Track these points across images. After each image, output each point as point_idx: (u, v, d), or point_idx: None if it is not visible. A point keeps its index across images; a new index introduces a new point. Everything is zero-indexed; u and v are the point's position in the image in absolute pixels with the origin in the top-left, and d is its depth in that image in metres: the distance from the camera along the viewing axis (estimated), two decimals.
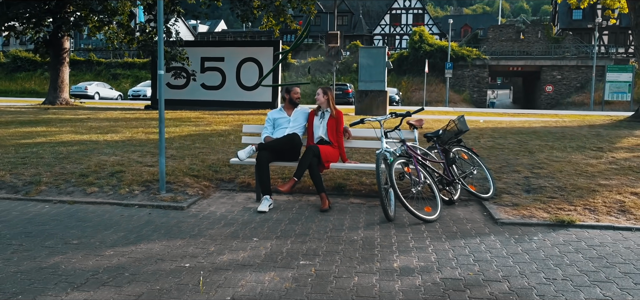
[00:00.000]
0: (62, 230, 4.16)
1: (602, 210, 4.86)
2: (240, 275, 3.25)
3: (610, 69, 35.16)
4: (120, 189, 5.41)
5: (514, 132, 9.38)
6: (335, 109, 5.49)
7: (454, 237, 4.18)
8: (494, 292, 3.05)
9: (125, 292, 2.96)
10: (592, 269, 3.47)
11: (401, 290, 3.04)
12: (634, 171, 6.25)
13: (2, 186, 5.49)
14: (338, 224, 4.48)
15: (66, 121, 10.79)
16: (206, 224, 4.44)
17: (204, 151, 7.23)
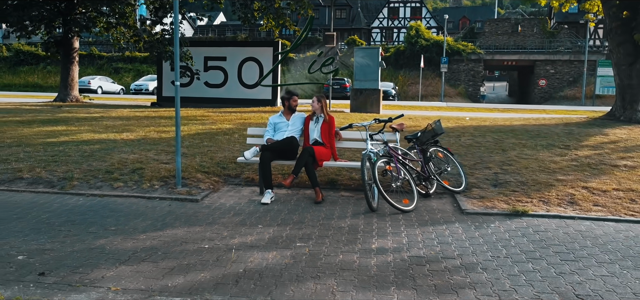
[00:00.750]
0: (100, 219, 5.00)
1: (554, 202, 5.72)
2: (249, 254, 4.09)
3: (601, 63, 35.90)
4: (142, 184, 6.25)
5: (493, 131, 10.24)
6: (328, 115, 6.32)
7: (425, 224, 5.02)
8: (448, 266, 3.90)
9: (160, 266, 3.81)
10: (531, 249, 4.32)
11: (375, 265, 3.89)
12: (591, 167, 7.10)
13: (39, 181, 6.32)
14: (329, 213, 5.33)
15: (82, 120, 11.62)
16: (218, 213, 5.28)
17: (212, 149, 8.07)
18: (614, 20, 11.93)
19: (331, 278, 3.61)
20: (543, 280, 3.63)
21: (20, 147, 8.05)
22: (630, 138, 9.46)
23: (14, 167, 6.78)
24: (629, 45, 11.67)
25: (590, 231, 4.83)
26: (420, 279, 3.63)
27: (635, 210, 5.45)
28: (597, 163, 7.36)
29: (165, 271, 3.70)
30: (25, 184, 6.24)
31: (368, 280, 3.58)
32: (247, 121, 11.67)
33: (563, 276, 3.72)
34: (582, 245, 4.43)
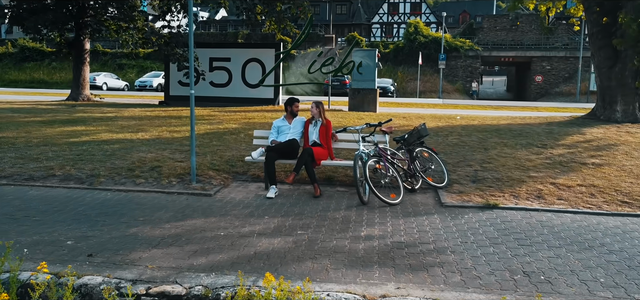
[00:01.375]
0: (129, 211, 5.81)
1: (523, 196, 6.51)
2: (258, 240, 4.89)
3: None
4: (161, 180, 7.05)
5: (479, 130, 11.02)
6: (325, 119, 7.11)
7: (408, 216, 5.82)
8: (423, 249, 4.70)
9: (185, 249, 4.61)
10: (495, 236, 5.12)
11: (363, 249, 4.69)
12: (561, 165, 7.90)
13: (70, 178, 7.12)
14: (326, 206, 6.13)
15: (98, 120, 12.42)
16: (230, 206, 6.08)
17: (221, 148, 8.86)
18: (594, 26, 12.68)
19: (326, 259, 4.41)
20: (499, 261, 4.43)
21: (48, 146, 8.86)
22: (605, 137, 10.24)
23: (46, 166, 7.59)
24: (609, 49, 12.42)
25: (549, 221, 5.62)
26: (399, 260, 4.42)
27: (593, 203, 6.24)
28: (568, 161, 8.15)
29: (190, 253, 4.50)
30: (57, 181, 7.05)
31: (356, 261, 4.38)
32: (251, 121, 12.46)
33: (516, 257, 4.52)
34: (539, 233, 5.23)
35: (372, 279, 4.01)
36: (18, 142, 9.21)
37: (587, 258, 4.52)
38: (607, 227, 5.44)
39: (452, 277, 4.07)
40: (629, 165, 8.00)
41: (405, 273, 4.14)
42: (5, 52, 58.60)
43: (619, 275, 4.15)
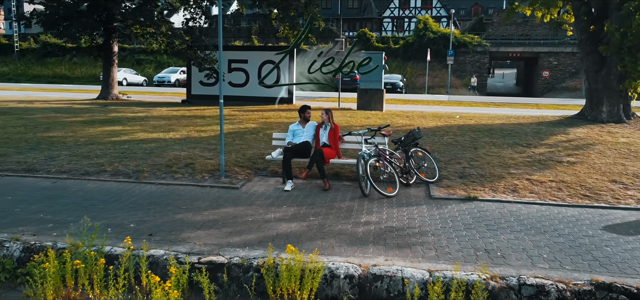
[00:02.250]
0: (172, 201, 7.08)
1: (500, 190, 7.67)
2: (278, 224, 6.13)
3: None
4: (195, 175, 8.32)
5: (473, 130, 12.16)
6: (333, 124, 8.33)
7: (401, 206, 7.02)
8: (409, 232, 5.90)
9: (222, 231, 5.86)
10: (469, 222, 6.30)
11: (361, 231, 5.90)
12: (539, 163, 9.03)
13: (119, 173, 8.43)
14: (333, 198, 7.35)
15: (132, 120, 13.77)
16: (254, 197, 7.33)
17: (243, 147, 10.13)
18: (583, 33, 13.68)
19: (332, 239, 5.64)
20: (468, 241, 5.63)
21: (94, 145, 10.20)
22: (586, 137, 11.32)
23: (97, 162, 8.91)
24: (596, 55, 13.43)
25: (517, 211, 6.78)
26: (389, 240, 5.64)
27: (558, 196, 7.39)
28: (546, 159, 9.28)
29: (226, 234, 5.76)
30: (108, 175, 8.36)
31: (355, 241, 5.60)
32: (268, 121, 13.72)
33: (483, 239, 5.71)
34: (507, 220, 6.40)
35: (367, 253, 5.23)
36: (68, 141, 10.57)
37: (539, 240, 5.70)
38: (564, 216, 6.59)
39: (428, 252, 5.28)
40: (599, 163, 9.11)
41: (393, 250, 5.36)
42: (28, 48, 60.40)
43: (560, 253, 5.32)
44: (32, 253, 5.17)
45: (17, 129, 11.85)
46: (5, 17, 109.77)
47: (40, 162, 8.96)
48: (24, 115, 14.20)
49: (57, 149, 9.84)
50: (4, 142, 10.41)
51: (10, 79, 53.40)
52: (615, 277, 4.69)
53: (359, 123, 13.55)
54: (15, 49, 59.83)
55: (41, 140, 10.63)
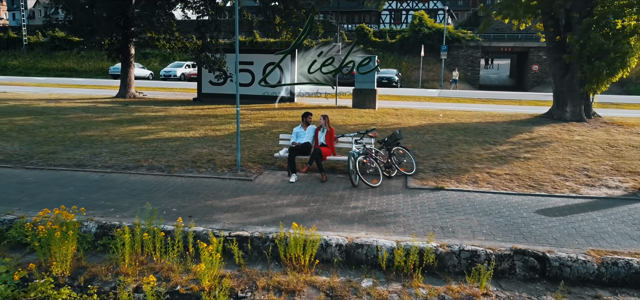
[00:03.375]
0: (201, 190, 8.85)
1: (463, 181, 9.45)
2: (286, 208, 7.91)
3: None
4: (216, 169, 10.09)
5: (451, 129, 13.92)
6: (329, 127, 10.09)
7: (383, 194, 8.79)
8: (385, 214, 7.69)
9: (243, 213, 7.63)
10: (434, 207, 8.07)
11: (350, 214, 7.68)
12: (500, 159, 10.80)
13: (153, 168, 10.19)
14: (329, 188, 9.12)
15: (155, 119, 15.52)
16: (265, 187, 9.10)
17: (254, 145, 11.89)
18: (550, 42, 15.38)
19: (327, 219, 7.42)
20: (430, 221, 7.40)
21: (128, 143, 11.97)
22: (547, 135, 13.09)
23: (134, 158, 10.68)
24: (561, 62, 15.14)
25: (474, 198, 8.56)
26: (370, 220, 7.43)
27: (509, 187, 9.17)
28: (507, 156, 11.06)
29: (247, 216, 7.54)
30: (145, 170, 10.13)
31: (345, 221, 7.38)
32: (273, 120, 15.47)
33: (441, 219, 7.49)
34: (463, 205, 8.19)
35: (353, 230, 7.01)
36: (104, 140, 12.34)
37: (484, 220, 7.48)
38: (509, 202, 8.38)
39: (398, 229, 7.07)
40: (550, 159, 10.90)
41: (372, 227, 7.15)
42: (36, 42, 61.76)
43: (496, 229, 7.11)
44: (105, 230, 6.96)
45: (59, 128, 13.61)
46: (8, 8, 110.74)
47: (86, 158, 10.73)
48: (59, 115, 15.95)
49: (97, 147, 11.61)
50: (51, 141, 12.18)
51: (20, 72, 54.96)
52: (530, 245, 6.48)
53: (353, 122, 15.31)
54: (23, 43, 61.24)
55: (82, 139, 12.41)
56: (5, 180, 9.26)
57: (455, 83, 39.70)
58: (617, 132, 13.86)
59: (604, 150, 11.69)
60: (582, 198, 8.61)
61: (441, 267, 6.26)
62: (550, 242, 6.67)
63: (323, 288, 5.77)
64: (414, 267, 6.12)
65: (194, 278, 5.94)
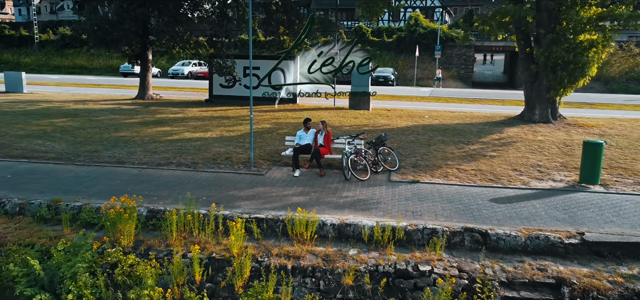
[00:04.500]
0: (223, 183, 10.87)
1: (436, 176, 11.46)
2: (291, 197, 9.93)
3: None
4: (233, 166, 12.11)
5: (433, 130, 15.93)
6: (327, 131, 12.11)
7: (370, 186, 10.81)
8: (369, 202, 9.70)
9: (258, 201, 9.65)
10: (409, 196, 10.10)
11: (342, 202, 9.71)
12: (470, 157, 12.82)
13: (181, 164, 12.21)
14: (326, 181, 11.14)
15: (175, 121, 17.54)
16: (275, 180, 11.12)
17: (263, 144, 13.91)
18: (522, 53, 17.36)
19: (324, 206, 9.45)
20: (405, 207, 9.42)
21: (156, 143, 14.00)
22: (515, 135, 15.09)
23: (164, 156, 12.70)
24: (530, 71, 17.13)
25: (443, 189, 10.57)
26: (358, 206, 9.45)
27: (472, 180, 11.18)
28: (476, 154, 13.07)
29: (261, 202, 9.57)
30: (174, 166, 12.15)
31: (338, 206, 9.41)
32: (279, 121, 17.48)
33: (413, 205, 9.50)
34: (432, 194, 10.20)
35: (343, 213, 9.04)
36: (136, 140, 14.37)
37: (446, 206, 9.49)
38: (470, 192, 10.39)
39: (379, 213, 9.10)
40: (512, 157, 12.91)
41: (359, 212, 9.17)
42: (47, 39, 63.55)
43: (455, 213, 9.12)
44: (153, 213, 8.99)
45: (95, 130, 15.63)
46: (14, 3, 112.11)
47: (124, 156, 12.76)
48: (92, 117, 17.96)
49: (132, 147, 13.64)
50: (91, 141, 14.22)
51: (32, 69, 56.86)
52: (477, 224, 8.52)
53: (349, 123, 17.32)
54: (35, 41, 63.03)
55: (117, 139, 14.44)
56: (62, 175, 11.29)
57: (438, 81, 41.54)
58: (576, 132, 15.87)
59: (559, 149, 13.70)
60: (529, 189, 10.63)
61: (409, 240, 8.29)
62: (494, 222, 8.70)
63: (320, 255, 7.81)
64: (388, 240, 8.16)
65: (225, 248, 7.98)
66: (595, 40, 15.41)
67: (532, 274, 7.40)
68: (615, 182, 11.06)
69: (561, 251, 8.00)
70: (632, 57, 41.54)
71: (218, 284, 7.54)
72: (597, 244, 8.04)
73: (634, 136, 15.43)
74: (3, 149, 13.26)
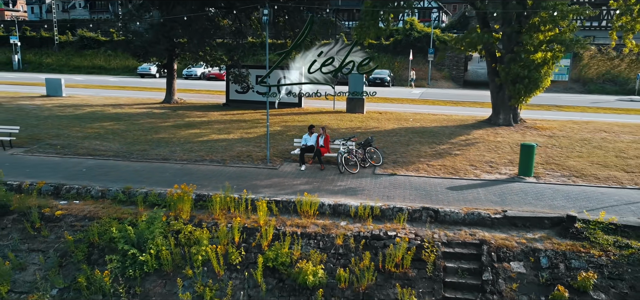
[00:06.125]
0: (246, 175, 14.15)
1: (410, 170, 14.72)
2: (299, 186, 13.19)
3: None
4: (254, 161, 15.39)
5: (413, 132, 19.19)
6: (326, 135, 15.41)
7: (358, 178, 14.08)
8: (356, 189, 12.98)
9: (275, 188, 12.92)
10: (387, 185, 13.37)
11: (337, 189, 12.98)
12: (439, 155, 16.09)
13: (214, 161, 15.50)
14: (325, 174, 14.42)
15: (201, 124, 20.83)
16: (286, 173, 14.39)
17: (275, 144, 17.18)
18: (489, 67, 20.58)
19: (323, 192, 12.73)
20: (382, 193, 12.68)
21: (190, 143, 17.30)
22: (479, 137, 18.34)
23: (198, 154, 16.00)
24: (495, 83, 20.36)
25: (413, 180, 13.83)
26: (348, 192, 12.73)
27: (437, 173, 14.43)
28: (444, 152, 16.33)
29: (277, 190, 12.85)
30: (208, 162, 15.44)
31: (333, 192, 12.68)
32: (287, 124, 20.77)
33: (389, 192, 12.77)
34: (404, 184, 13.47)
35: (337, 197, 12.32)
36: (174, 141, 17.66)
37: (413, 192, 12.75)
38: (433, 183, 13.64)
39: (363, 197, 12.37)
40: (472, 155, 16.16)
41: (349, 196, 12.45)
42: (66, 41, 66.72)
43: (418, 197, 12.38)
44: (200, 196, 12.29)
45: (139, 132, 18.93)
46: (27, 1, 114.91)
47: (167, 154, 16.08)
48: (133, 121, 21.26)
49: (172, 146, 16.95)
50: (138, 142, 17.52)
51: (54, 69, 60.23)
52: (433, 205, 11.79)
53: (345, 126, 20.58)
54: (55, 42, 66.23)
55: (159, 140, 17.75)
56: (123, 169, 14.60)
57: (412, 82, 44.92)
58: (530, 134, 19.10)
59: (511, 149, 16.94)
60: (479, 180, 13.90)
61: (383, 215, 11.58)
62: (445, 203, 11.98)
63: (320, 225, 11.12)
64: (368, 215, 11.45)
65: (253, 221, 11.28)
66: (546, 58, 18.59)
67: (465, 237, 10.70)
68: (546, 175, 14.32)
69: (489, 223, 11.29)
70: (609, 60, 44.59)
71: (250, 244, 10.85)
72: (514, 218, 11.32)
73: (576, 138, 18.67)
74: (71, 148, 16.61)
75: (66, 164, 15.05)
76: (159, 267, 10.40)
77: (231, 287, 9.99)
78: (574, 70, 45.48)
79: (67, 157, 15.72)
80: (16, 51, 62.61)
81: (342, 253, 10.50)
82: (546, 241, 10.42)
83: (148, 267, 10.29)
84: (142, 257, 10.30)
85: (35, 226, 11.45)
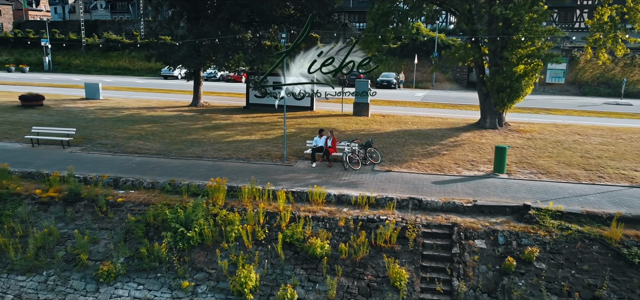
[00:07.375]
0: (268, 171, 16.94)
1: (404, 167, 17.43)
2: (311, 179, 15.96)
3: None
4: (273, 159, 18.20)
5: (409, 134, 21.87)
6: (333, 137, 18.19)
7: (359, 173, 16.82)
8: (357, 183, 15.72)
9: (291, 182, 15.72)
10: (383, 180, 16.10)
11: (342, 182, 15.73)
12: (429, 154, 18.76)
13: (239, 158, 18.34)
14: (332, 170, 17.16)
15: (226, 126, 23.72)
16: (300, 169, 17.18)
17: (290, 144, 19.97)
18: (477, 77, 23.14)
19: (330, 185, 15.48)
20: (378, 187, 15.43)
21: (219, 144, 20.17)
22: (466, 139, 20.97)
23: (227, 153, 18.87)
24: (483, 91, 22.93)
25: (405, 176, 16.53)
26: (350, 185, 15.46)
27: (426, 170, 17.11)
28: (434, 153, 18.99)
29: (293, 182, 15.64)
30: (234, 160, 18.29)
31: (338, 185, 15.43)
32: (301, 126, 23.58)
33: (384, 185, 15.49)
34: (397, 179, 16.19)
35: (341, 189, 15.06)
36: (205, 141, 20.56)
37: (404, 185, 15.43)
38: (421, 178, 16.33)
39: (362, 189, 15.10)
40: (457, 154, 18.81)
41: (351, 188, 15.21)
42: (92, 43, 70.16)
43: (407, 190, 15.06)
44: (231, 187, 15.14)
45: (174, 133, 21.85)
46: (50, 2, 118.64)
47: (200, 152, 18.98)
48: (167, 124, 24.24)
49: (203, 146, 19.84)
50: (175, 142, 20.46)
51: (82, 70, 63.73)
52: (418, 195, 14.51)
53: (351, 128, 23.30)
54: (82, 44, 69.70)
55: (192, 141, 20.66)
56: (166, 165, 17.52)
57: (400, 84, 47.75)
58: (512, 136, 21.66)
59: (492, 150, 19.49)
60: (459, 176, 16.57)
61: (377, 204, 14.32)
62: (427, 194, 14.68)
63: (327, 210, 13.90)
64: (365, 203, 14.21)
65: (274, 207, 14.10)
66: (527, 70, 21.13)
67: (441, 221, 13.41)
68: (517, 172, 16.93)
69: (461, 210, 13.97)
70: (603, 64, 46.61)
71: (272, 224, 13.67)
72: (483, 206, 13.99)
73: (551, 140, 21.20)
74: (120, 147, 19.60)
75: (118, 160, 18.02)
76: (201, 241, 13.26)
77: (257, 256, 12.83)
78: (570, 73, 47.66)
79: (117, 155, 18.70)
80: (47, 53, 66.16)
81: (344, 232, 13.26)
82: (505, 224, 13.09)
83: (194, 241, 13.17)
84: (189, 233, 13.18)
85: (102, 210, 14.38)
